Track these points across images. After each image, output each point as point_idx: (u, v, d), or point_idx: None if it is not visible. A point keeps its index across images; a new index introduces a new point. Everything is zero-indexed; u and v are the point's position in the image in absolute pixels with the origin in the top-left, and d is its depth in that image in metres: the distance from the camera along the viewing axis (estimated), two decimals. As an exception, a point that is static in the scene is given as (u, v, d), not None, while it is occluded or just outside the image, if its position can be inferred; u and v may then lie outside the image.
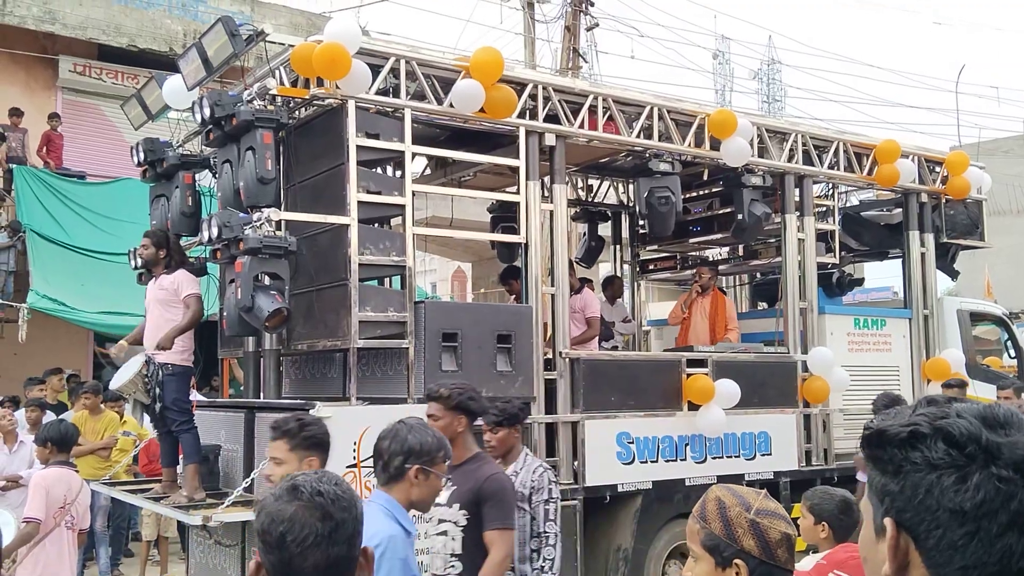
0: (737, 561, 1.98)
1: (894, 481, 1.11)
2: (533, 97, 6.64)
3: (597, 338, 8.33)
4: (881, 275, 15.28)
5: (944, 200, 9.26)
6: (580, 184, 9.93)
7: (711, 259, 10.25)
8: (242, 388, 9.52)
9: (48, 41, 14.42)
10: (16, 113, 13.50)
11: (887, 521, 1.12)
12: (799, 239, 8.07)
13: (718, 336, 8.58)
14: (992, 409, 1.11)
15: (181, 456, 6.36)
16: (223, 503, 5.53)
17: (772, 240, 9.33)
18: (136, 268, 7.10)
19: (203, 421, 6.48)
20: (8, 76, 14.30)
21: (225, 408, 6.91)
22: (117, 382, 6.34)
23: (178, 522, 8.58)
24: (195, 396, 8.08)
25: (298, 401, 6.39)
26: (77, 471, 5.96)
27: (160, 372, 6.18)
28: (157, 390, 6.19)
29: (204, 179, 7.28)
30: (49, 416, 8.13)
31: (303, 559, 1.68)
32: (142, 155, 7.08)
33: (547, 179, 7.07)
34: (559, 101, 6.77)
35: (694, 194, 9.59)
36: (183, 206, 6.91)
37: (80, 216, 12.69)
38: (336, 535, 1.70)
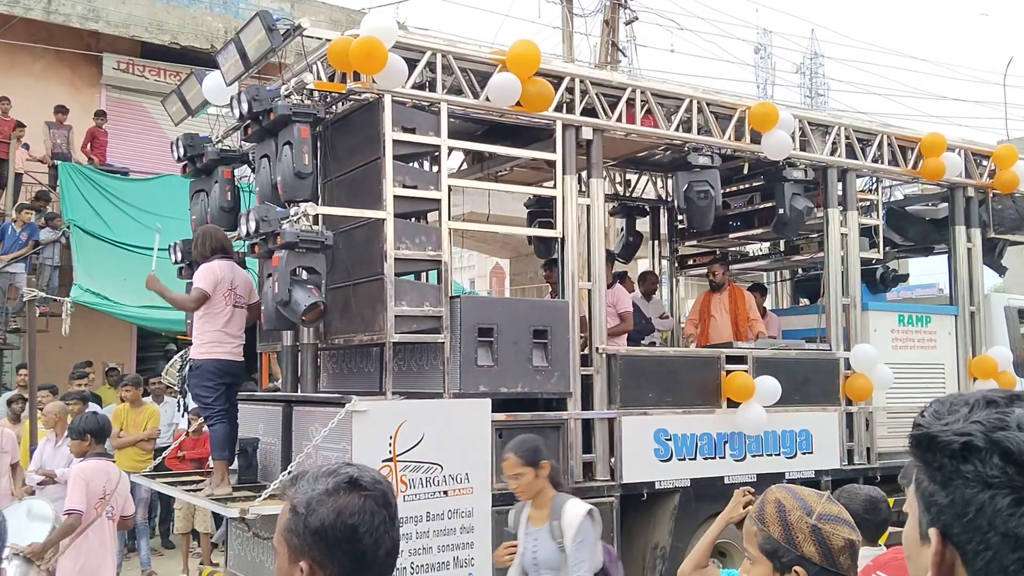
0: (797, 568, 1.90)
1: (943, 492, 1.03)
2: (570, 90, 6.58)
3: (626, 334, 8.26)
4: (926, 271, 15.00)
5: (991, 194, 9.05)
6: (618, 178, 9.85)
7: (718, 255, 10.13)
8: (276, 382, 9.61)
9: (92, 39, 14.64)
10: (61, 110, 13.73)
11: (932, 533, 1.04)
12: (842, 234, 7.93)
13: (741, 331, 8.48)
14: None
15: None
16: (260, 496, 5.56)
17: (814, 235, 9.20)
18: (177, 262, 7.18)
19: (242, 414, 6.52)
20: (54, 74, 14.55)
21: (263, 402, 6.96)
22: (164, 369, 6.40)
23: (213, 514, 8.68)
24: None
25: (335, 395, 6.41)
26: (114, 461, 6.03)
27: (188, 365, 6.21)
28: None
29: (243, 174, 7.33)
30: (92, 408, 8.25)
31: (377, 548, 1.64)
32: (182, 150, 7.13)
33: (584, 173, 7.02)
34: (596, 94, 6.70)
35: (734, 188, 9.48)
36: (222, 201, 6.97)
37: (123, 212, 12.87)
38: (396, 519, 1.70)
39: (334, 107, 6.32)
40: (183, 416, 8.96)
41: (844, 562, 1.91)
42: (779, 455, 7.29)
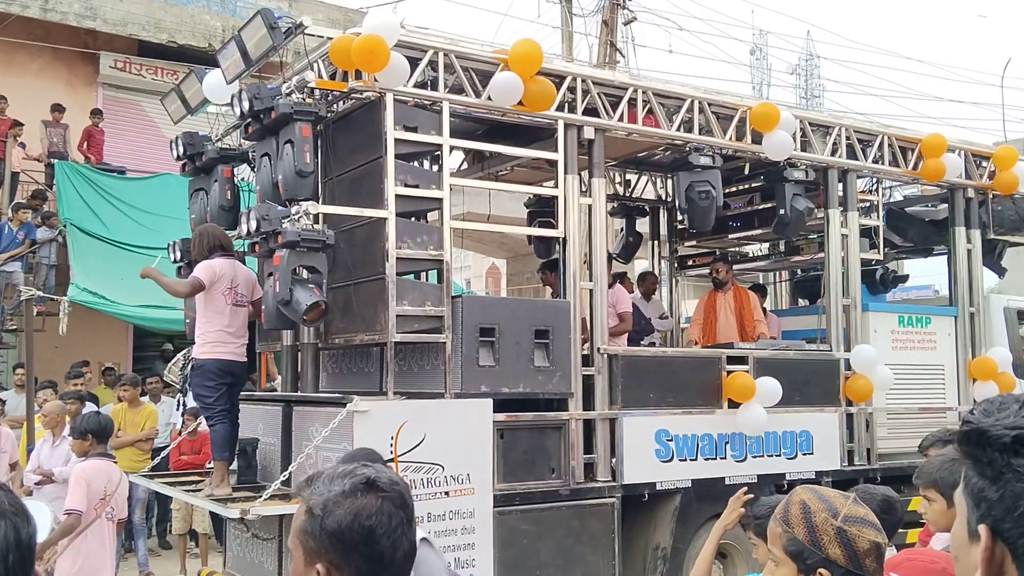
0: (822, 570, 1.89)
1: (993, 487, 1.02)
2: (572, 90, 6.56)
3: (627, 334, 8.24)
4: (922, 273, 15.01)
5: (991, 195, 9.05)
6: (618, 179, 9.83)
7: (720, 254, 10.11)
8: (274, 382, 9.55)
9: (89, 37, 14.59)
10: (58, 109, 13.67)
11: (982, 529, 1.03)
12: (842, 235, 7.93)
13: (747, 331, 8.45)
14: None
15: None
16: (260, 496, 5.52)
17: (814, 236, 9.18)
18: (175, 261, 7.14)
19: (241, 414, 6.48)
20: (51, 72, 14.49)
21: (263, 402, 6.92)
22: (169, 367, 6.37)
23: (212, 514, 8.64)
24: None
25: (336, 395, 6.38)
26: (115, 462, 5.99)
27: (190, 364, 6.17)
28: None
29: (243, 173, 7.29)
30: (89, 407, 8.21)
31: (394, 550, 1.62)
32: (181, 149, 7.09)
33: (585, 173, 7.00)
34: (598, 94, 6.68)
35: (734, 189, 9.47)
36: (222, 200, 6.93)
37: (120, 211, 12.83)
38: (413, 521, 1.69)
39: (335, 105, 6.29)
40: (181, 416, 8.92)
41: (870, 564, 1.89)
42: (780, 456, 7.28)
